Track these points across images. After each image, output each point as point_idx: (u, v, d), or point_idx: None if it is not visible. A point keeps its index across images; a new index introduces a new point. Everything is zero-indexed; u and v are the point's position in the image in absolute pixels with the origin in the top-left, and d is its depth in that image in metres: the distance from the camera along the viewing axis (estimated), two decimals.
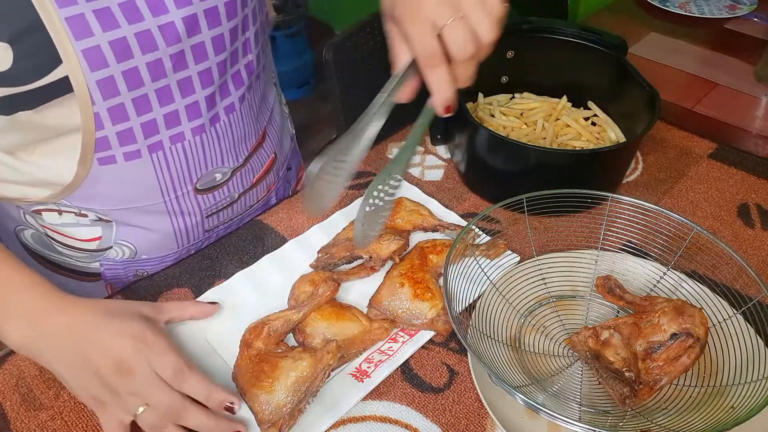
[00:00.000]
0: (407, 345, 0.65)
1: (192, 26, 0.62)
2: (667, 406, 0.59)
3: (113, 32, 0.57)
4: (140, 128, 0.65)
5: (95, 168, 0.65)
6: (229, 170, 0.77)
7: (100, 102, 0.60)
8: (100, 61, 0.57)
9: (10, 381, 0.63)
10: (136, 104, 0.63)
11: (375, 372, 0.63)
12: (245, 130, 0.77)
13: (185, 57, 0.63)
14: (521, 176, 0.81)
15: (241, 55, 0.71)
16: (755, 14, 1.40)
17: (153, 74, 0.62)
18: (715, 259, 0.66)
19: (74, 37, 0.55)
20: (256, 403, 0.58)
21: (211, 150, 0.73)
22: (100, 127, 0.62)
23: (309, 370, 0.59)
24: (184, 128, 0.68)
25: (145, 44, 0.59)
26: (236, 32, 0.68)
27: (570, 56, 0.92)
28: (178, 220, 0.76)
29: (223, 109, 0.72)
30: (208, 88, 0.68)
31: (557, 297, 0.69)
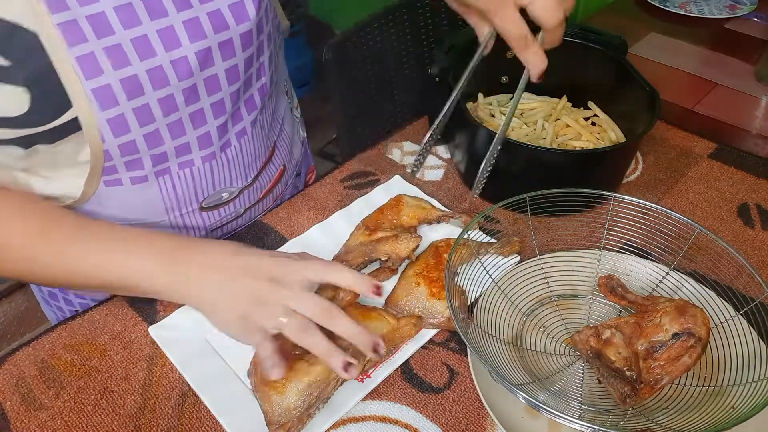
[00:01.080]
0: (407, 345, 0.65)
1: (205, 59, 0.61)
2: (667, 406, 0.59)
3: (124, 70, 0.56)
4: (149, 159, 0.64)
5: (101, 188, 0.65)
6: (236, 189, 0.76)
7: (110, 140, 0.59)
8: (111, 100, 0.56)
9: (10, 381, 0.63)
10: (147, 139, 0.62)
11: (375, 372, 0.63)
12: (256, 151, 0.76)
13: (197, 90, 0.62)
14: (521, 176, 0.81)
15: (255, 79, 0.70)
16: (755, 14, 1.40)
17: (164, 110, 0.61)
18: (717, 260, 0.66)
19: (84, 77, 0.54)
20: (267, 402, 0.57)
21: (219, 173, 0.72)
22: (109, 159, 0.61)
23: (322, 376, 0.58)
24: (194, 156, 0.68)
25: (156, 80, 0.58)
26: (251, 60, 0.66)
27: (570, 56, 0.91)
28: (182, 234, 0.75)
29: (234, 135, 0.71)
30: (221, 117, 0.67)
31: (559, 296, 0.69)
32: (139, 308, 0.70)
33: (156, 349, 0.65)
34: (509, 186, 0.79)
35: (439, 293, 0.67)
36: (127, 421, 0.60)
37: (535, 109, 0.93)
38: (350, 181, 0.89)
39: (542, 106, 0.93)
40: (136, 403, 0.61)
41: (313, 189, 0.87)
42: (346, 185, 0.88)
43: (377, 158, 0.93)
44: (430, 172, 0.90)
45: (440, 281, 0.68)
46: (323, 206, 0.84)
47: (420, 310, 0.66)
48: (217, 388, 0.61)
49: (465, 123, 0.80)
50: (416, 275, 0.69)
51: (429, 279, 0.69)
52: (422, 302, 0.67)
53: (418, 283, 0.68)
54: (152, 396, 0.62)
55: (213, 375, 0.62)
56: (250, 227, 0.81)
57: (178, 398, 0.62)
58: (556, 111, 0.92)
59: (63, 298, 0.83)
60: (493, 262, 0.69)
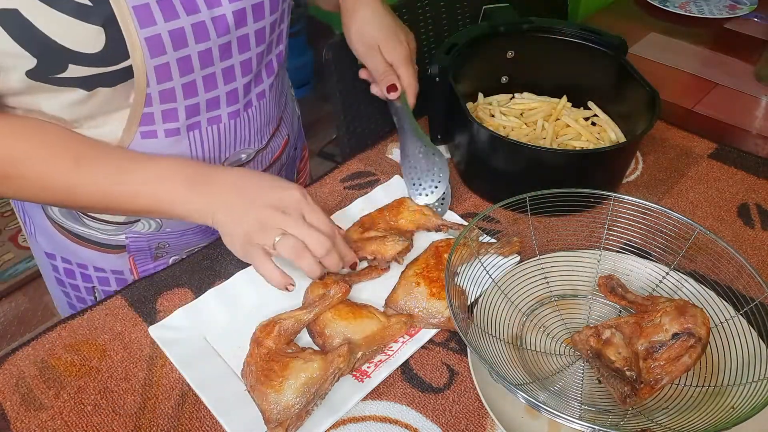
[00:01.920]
0: (407, 345, 0.65)
1: (240, 19, 0.67)
2: (667, 406, 0.59)
3: (173, 22, 0.62)
4: (184, 110, 0.69)
5: (136, 140, 0.69)
6: (253, 151, 0.80)
7: (153, 85, 0.64)
8: (160, 48, 0.62)
9: (10, 381, 0.63)
10: (185, 89, 0.67)
11: (375, 372, 0.63)
12: (270, 114, 0.81)
13: (231, 47, 0.68)
14: (521, 176, 0.81)
15: (275, 45, 0.77)
16: (755, 14, 1.40)
17: (202, 62, 0.67)
18: (717, 260, 0.66)
19: (139, 25, 0.60)
20: (265, 401, 0.57)
21: (241, 133, 0.77)
22: (149, 104, 0.66)
23: (319, 372, 0.58)
24: (222, 112, 0.73)
25: (199, 34, 0.64)
26: (275, 25, 0.73)
27: (570, 56, 0.92)
28: None
29: (255, 96, 0.76)
30: (247, 76, 0.73)
31: (559, 296, 0.69)
32: (139, 308, 0.70)
33: (156, 349, 0.65)
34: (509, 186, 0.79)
35: (439, 293, 0.67)
36: (127, 421, 0.60)
37: (535, 109, 0.93)
38: (350, 181, 0.89)
39: (542, 106, 0.93)
40: (136, 403, 0.61)
41: (313, 189, 0.87)
42: (346, 185, 0.88)
43: (377, 158, 0.93)
44: None
45: (440, 281, 0.68)
46: (323, 206, 0.83)
47: (420, 310, 0.66)
48: (217, 388, 0.61)
49: (465, 123, 0.80)
50: (416, 275, 0.69)
51: (429, 279, 0.69)
52: (422, 302, 0.67)
53: (418, 283, 0.68)
54: (152, 396, 0.62)
55: (213, 375, 0.62)
56: None
57: (178, 398, 0.62)
58: (556, 111, 0.92)
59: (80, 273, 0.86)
60: (493, 262, 0.69)
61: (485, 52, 0.93)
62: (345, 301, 0.67)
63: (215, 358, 0.64)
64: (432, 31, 1.16)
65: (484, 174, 0.85)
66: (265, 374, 0.59)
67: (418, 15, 1.13)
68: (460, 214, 0.81)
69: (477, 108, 0.94)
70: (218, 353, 0.65)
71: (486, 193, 0.86)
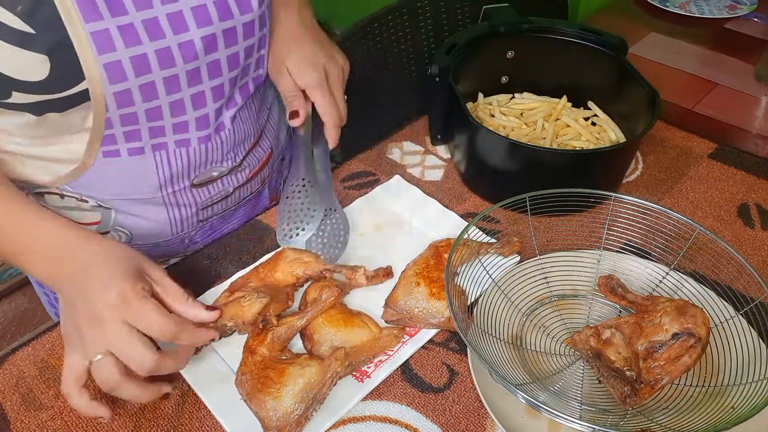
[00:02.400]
0: (407, 345, 0.65)
1: (210, 44, 0.65)
2: (667, 406, 0.59)
3: (135, 48, 0.60)
4: (147, 131, 0.67)
5: (99, 159, 0.67)
6: (226, 169, 0.78)
7: (113, 110, 0.62)
8: (120, 75, 0.60)
9: (10, 381, 0.63)
10: (148, 113, 0.65)
11: (375, 372, 0.63)
12: (245, 133, 0.79)
13: (200, 73, 0.66)
14: (521, 176, 0.81)
15: (252, 69, 0.74)
16: (755, 14, 1.40)
17: (168, 88, 0.64)
18: (717, 260, 0.66)
19: (97, 51, 0.58)
20: (263, 409, 0.57)
21: (213, 154, 0.75)
22: (109, 127, 0.64)
23: (317, 377, 0.58)
24: (191, 136, 0.71)
25: (163, 60, 0.62)
26: (251, 50, 0.71)
27: (570, 56, 0.92)
28: (174, 212, 0.78)
29: (228, 119, 0.74)
30: (219, 101, 0.71)
31: (559, 296, 0.69)
32: None
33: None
34: (509, 186, 0.79)
35: (440, 293, 0.67)
36: (127, 421, 0.60)
37: (535, 109, 0.93)
38: (350, 181, 0.89)
39: (542, 106, 0.93)
40: (136, 403, 0.61)
41: None
42: (346, 185, 0.88)
43: (377, 158, 0.93)
44: (430, 172, 0.90)
45: (440, 281, 0.68)
46: None
47: (420, 310, 0.66)
48: (217, 388, 0.61)
49: (465, 123, 0.80)
50: (416, 275, 0.69)
51: (429, 279, 0.68)
52: (422, 302, 0.67)
53: (418, 283, 0.68)
54: None
55: (213, 375, 0.62)
56: (250, 227, 0.81)
57: (178, 398, 0.62)
58: (556, 111, 0.92)
59: None
60: (493, 262, 0.69)
61: (485, 52, 0.93)
62: (339, 306, 0.67)
63: (215, 358, 0.64)
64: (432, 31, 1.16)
65: (484, 174, 0.85)
66: (261, 382, 0.58)
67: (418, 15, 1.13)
68: (460, 214, 0.81)
69: (477, 108, 0.94)
70: (218, 353, 0.65)
71: (486, 193, 0.85)
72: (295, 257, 0.71)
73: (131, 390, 0.55)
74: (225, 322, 0.63)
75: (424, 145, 0.95)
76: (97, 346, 0.54)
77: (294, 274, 0.70)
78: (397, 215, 0.82)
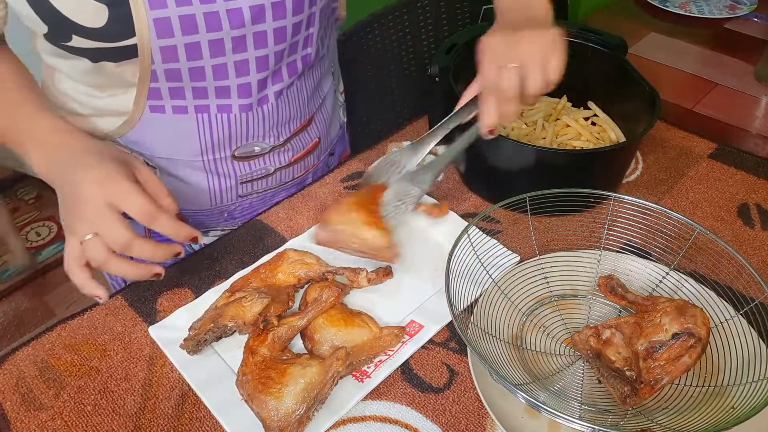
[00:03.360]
0: (407, 345, 0.65)
1: (258, 15, 0.66)
2: (667, 406, 0.59)
3: (185, 8, 0.63)
4: (191, 91, 0.70)
5: (146, 113, 0.71)
6: (268, 146, 0.80)
7: (159, 63, 0.66)
8: (167, 31, 0.63)
9: (10, 381, 0.63)
10: (191, 72, 0.68)
11: (375, 372, 0.63)
12: (291, 113, 0.80)
13: (245, 41, 0.68)
14: (521, 176, 0.81)
15: (300, 47, 0.75)
16: (755, 14, 1.40)
17: (213, 51, 0.67)
18: (717, 260, 0.66)
19: (150, 6, 0.61)
20: (264, 409, 0.57)
21: (254, 126, 0.77)
22: (155, 80, 0.67)
23: (318, 377, 0.58)
24: (232, 102, 0.73)
25: (211, 24, 0.64)
26: (299, 27, 0.72)
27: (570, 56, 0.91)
28: (214, 180, 0.80)
29: (273, 93, 0.76)
30: (262, 72, 0.73)
31: (559, 296, 0.69)
32: (139, 308, 0.70)
33: (156, 349, 0.65)
34: (509, 186, 0.79)
35: (375, 223, 0.67)
36: (127, 421, 0.60)
37: (535, 109, 0.93)
38: (350, 181, 0.89)
39: (542, 106, 0.93)
40: (136, 403, 0.61)
41: (313, 189, 0.87)
42: (346, 185, 0.88)
43: (377, 158, 0.93)
44: None
45: (375, 215, 0.68)
46: (323, 206, 0.84)
47: (352, 235, 0.67)
48: (217, 388, 0.61)
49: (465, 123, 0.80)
50: (353, 204, 0.69)
51: (367, 210, 0.68)
52: (355, 229, 0.67)
53: (354, 210, 0.68)
54: (152, 396, 0.62)
55: (213, 375, 0.62)
56: (250, 227, 0.81)
57: (178, 398, 0.62)
58: (556, 111, 0.92)
59: None
60: (494, 262, 0.69)
61: None
62: (339, 306, 0.67)
63: (215, 358, 0.64)
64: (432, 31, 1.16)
65: (484, 174, 0.85)
66: (262, 382, 0.58)
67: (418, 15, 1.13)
68: (460, 214, 0.81)
69: None
70: (218, 353, 0.65)
71: (486, 193, 0.85)
72: (297, 258, 0.71)
73: (119, 266, 0.60)
74: (226, 323, 0.63)
75: None
76: (84, 227, 0.59)
77: (296, 275, 0.70)
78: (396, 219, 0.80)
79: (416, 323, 0.67)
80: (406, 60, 1.15)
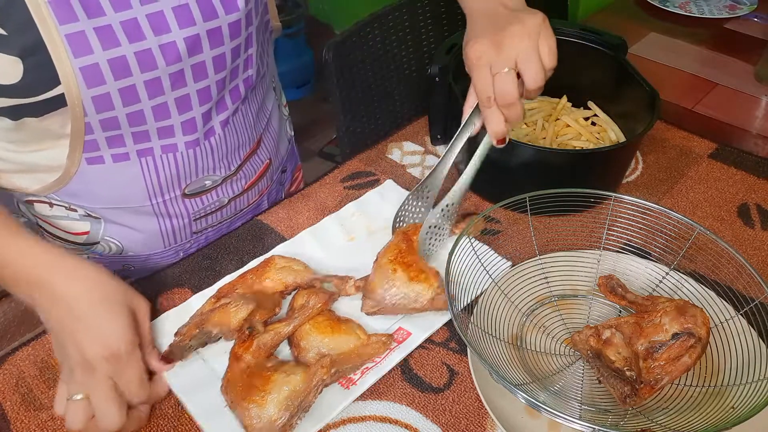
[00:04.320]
0: (395, 352, 0.64)
1: (194, 46, 0.62)
2: (667, 406, 0.59)
3: (113, 50, 0.57)
4: (131, 136, 0.65)
5: (83, 166, 0.66)
6: (219, 178, 0.76)
7: (92, 114, 0.60)
8: (98, 78, 0.58)
9: (10, 381, 0.63)
10: (130, 118, 0.63)
11: (361, 379, 0.62)
12: (239, 140, 0.76)
13: (184, 75, 0.63)
14: (521, 176, 0.81)
15: (241, 71, 0.71)
16: (755, 14, 1.40)
17: (150, 92, 0.62)
18: (717, 260, 0.66)
19: (73, 54, 0.56)
20: (247, 416, 0.56)
21: (203, 161, 0.73)
22: (90, 132, 0.62)
23: (302, 385, 0.57)
24: (177, 140, 0.68)
25: (144, 63, 0.59)
26: (238, 50, 0.68)
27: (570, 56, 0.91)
28: (165, 222, 0.76)
29: (218, 123, 0.72)
30: (206, 104, 0.68)
31: (559, 296, 0.69)
32: None
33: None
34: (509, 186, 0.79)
35: (418, 276, 0.66)
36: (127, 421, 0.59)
37: (535, 109, 0.93)
38: (350, 181, 0.89)
39: (542, 106, 0.93)
40: None
41: (313, 189, 0.87)
42: (346, 185, 0.88)
43: (377, 158, 0.93)
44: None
45: (415, 265, 0.68)
46: (323, 206, 0.84)
47: (401, 297, 0.65)
48: (201, 393, 0.60)
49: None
50: (391, 262, 0.68)
51: (405, 264, 0.67)
52: (403, 288, 0.66)
53: (395, 270, 0.67)
54: None
55: (198, 380, 0.61)
56: (250, 227, 0.81)
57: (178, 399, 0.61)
58: (556, 111, 0.92)
59: None
60: (493, 262, 0.69)
61: None
62: (327, 313, 0.66)
63: (201, 364, 0.63)
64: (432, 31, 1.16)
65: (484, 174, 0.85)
66: (246, 389, 0.57)
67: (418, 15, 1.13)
68: (461, 214, 0.80)
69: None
70: (204, 359, 0.64)
71: (486, 193, 0.85)
72: (285, 265, 0.70)
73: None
74: (211, 329, 0.62)
75: (424, 145, 0.95)
76: (80, 388, 0.54)
77: (283, 281, 0.69)
78: (390, 220, 0.79)
79: (404, 330, 0.67)
80: (406, 60, 1.15)
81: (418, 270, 0.67)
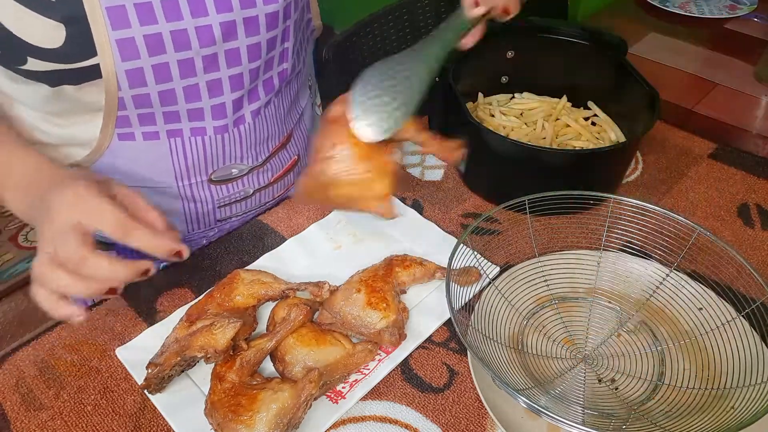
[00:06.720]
0: (384, 363, 0.63)
1: (229, 32, 0.64)
2: (670, 409, 0.59)
3: (150, 27, 0.59)
4: (162, 116, 0.67)
5: (115, 141, 0.68)
6: (246, 168, 0.78)
7: (126, 89, 0.62)
8: (133, 52, 0.60)
9: (10, 381, 0.63)
10: (161, 96, 0.65)
11: (350, 393, 0.61)
12: (269, 132, 0.78)
13: (218, 60, 0.65)
14: (521, 176, 0.81)
15: (276, 63, 0.72)
16: (755, 14, 1.40)
17: (182, 72, 0.64)
18: (717, 260, 0.66)
19: (111, 26, 0.58)
20: None
21: (231, 148, 0.74)
22: (123, 108, 0.64)
23: (290, 401, 0.56)
24: (206, 124, 0.70)
25: (179, 42, 0.61)
26: (274, 42, 0.69)
27: (570, 56, 0.92)
28: (190, 206, 0.78)
29: (249, 112, 0.73)
30: (237, 91, 0.69)
31: (560, 298, 0.69)
32: (139, 308, 0.70)
33: None
34: (509, 186, 0.79)
35: (378, 304, 0.64)
36: (127, 421, 0.59)
37: (535, 109, 0.93)
38: None
39: (542, 106, 0.93)
40: (136, 403, 0.61)
41: None
42: None
43: None
44: (430, 172, 0.90)
45: (382, 293, 0.65)
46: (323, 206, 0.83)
47: (354, 317, 0.64)
48: (186, 413, 0.59)
49: (465, 123, 0.80)
50: (360, 282, 0.67)
51: (372, 288, 0.66)
52: (357, 310, 0.64)
53: (359, 290, 0.66)
54: None
55: (184, 399, 0.60)
56: (250, 227, 0.81)
57: None
58: (556, 111, 0.92)
59: None
60: (491, 263, 0.69)
61: (485, 51, 0.92)
62: (309, 325, 0.64)
63: (185, 381, 0.62)
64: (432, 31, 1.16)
65: (484, 174, 0.85)
66: (232, 410, 0.55)
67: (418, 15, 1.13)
68: (461, 214, 0.81)
69: (477, 108, 0.94)
70: (189, 376, 0.62)
71: (486, 193, 0.85)
72: (253, 278, 0.68)
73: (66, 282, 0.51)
74: (195, 354, 0.59)
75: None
76: (44, 247, 0.52)
77: (255, 295, 0.67)
78: (378, 227, 0.78)
79: None
80: None
81: (381, 298, 0.65)
